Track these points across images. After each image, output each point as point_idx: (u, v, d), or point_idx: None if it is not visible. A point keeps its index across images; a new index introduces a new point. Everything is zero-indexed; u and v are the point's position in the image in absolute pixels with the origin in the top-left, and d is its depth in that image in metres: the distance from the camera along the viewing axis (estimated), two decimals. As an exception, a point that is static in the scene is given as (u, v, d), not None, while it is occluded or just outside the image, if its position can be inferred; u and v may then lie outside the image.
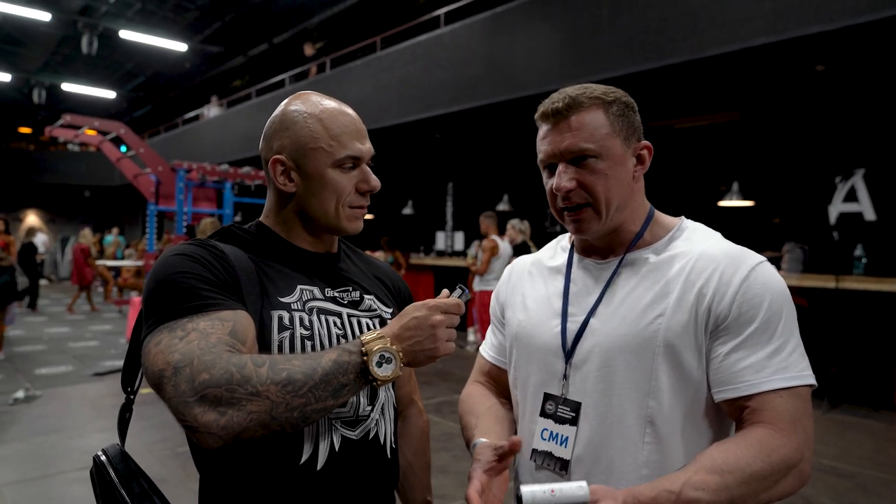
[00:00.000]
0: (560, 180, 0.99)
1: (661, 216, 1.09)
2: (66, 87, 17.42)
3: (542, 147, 1.03)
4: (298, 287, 1.02)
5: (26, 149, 21.80)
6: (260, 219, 1.10)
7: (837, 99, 6.82)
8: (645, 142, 1.05)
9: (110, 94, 18.49)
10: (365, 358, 0.86)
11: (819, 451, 4.13)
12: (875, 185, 6.60)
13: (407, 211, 12.12)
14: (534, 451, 1.05)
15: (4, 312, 6.84)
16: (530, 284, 1.17)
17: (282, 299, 0.99)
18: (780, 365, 0.90)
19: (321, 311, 1.02)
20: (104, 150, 11.08)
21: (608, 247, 1.06)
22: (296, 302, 1.00)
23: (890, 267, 6.14)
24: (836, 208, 6.85)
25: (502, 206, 9.95)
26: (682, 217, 1.10)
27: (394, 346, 0.88)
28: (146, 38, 13.27)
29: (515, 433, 1.13)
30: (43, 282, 17.34)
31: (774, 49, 5.17)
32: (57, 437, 4.32)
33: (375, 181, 1.06)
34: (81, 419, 4.79)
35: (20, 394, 5.26)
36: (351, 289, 1.09)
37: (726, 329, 0.93)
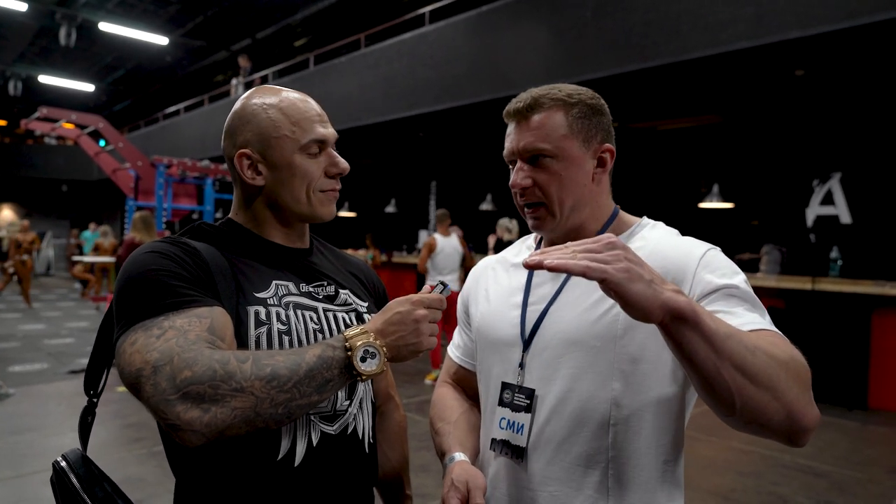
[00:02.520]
0: (516, 177, 1.03)
1: (624, 215, 1.11)
2: (44, 79, 17.09)
3: (506, 144, 1.08)
4: (273, 282, 1.01)
5: (1, 141, 21.35)
6: (229, 215, 1.09)
7: (816, 104, 6.94)
8: (608, 145, 1.06)
9: (89, 88, 18.18)
10: (349, 353, 0.86)
11: (794, 451, 4.20)
12: (851, 189, 6.73)
13: (390, 209, 12.09)
14: (493, 440, 1.06)
15: None
16: (493, 279, 1.18)
17: (257, 295, 0.98)
18: (767, 320, 0.88)
19: (297, 305, 1.01)
20: (82, 143, 10.91)
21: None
22: (272, 297, 0.99)
23: (864, 269, 6.26)
24: (814, 211, 6.97)
25: (486, 206, 9.97)
26: (644, 216, 1.13)
27: (377, 341, 0.88)
28: (126, 30, 13.06)
29: None
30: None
31: (755, 53, 5.24)
32: (31, 435, 4.23)
33: (344, 163, 1.06)
34: (56, 418, 4.70)
35: (-7, 391, 5.16)
36: (325, 283, 1.08)
37: (700, 299, 0.91)
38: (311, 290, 1.06)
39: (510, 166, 1.08)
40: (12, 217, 20.85)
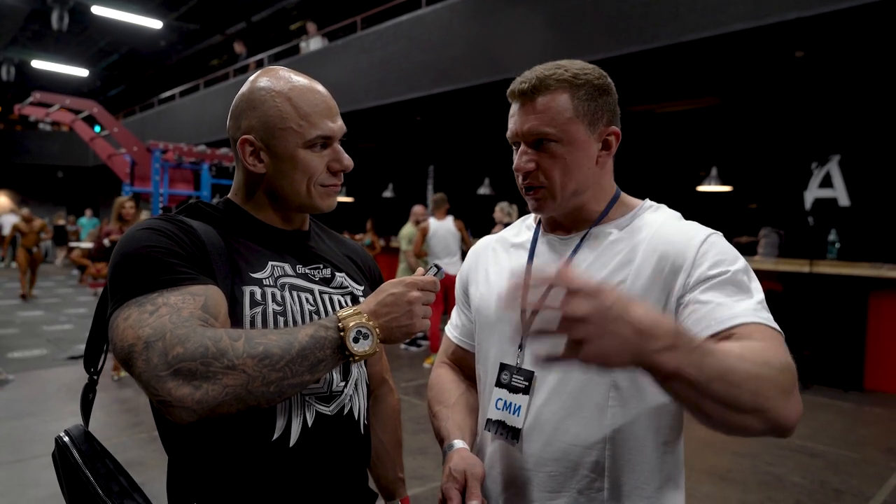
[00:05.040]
0: (520, 161, 1.01)
1: (626, 197, 1.10)
2: (37, 64, 16.92)
3: (510, 125, 1.05)
4: (270, 263, 1.01)
5: (-5, 127, 21.25)
6: (228, 196, 1.08)
7: (815, 86, 6.89)
8: (613, 127, 1.05)
9: (83, 72, 18.02)
10: (342, 333, 0.86)
11: (791, 431, 4.24)
12: (850, 171, 6.72)
13: (387, 194, 12.05)
14: (488, 420, 1.06)
15: None
16: (493, 259, 1.18)
17: (253, 275, 0.97)
18: (759, 309, 0.88)
19: (293, 287, 1.01)
20: (77, 129, 10.84)
21: (572, 224, 1.07)
22: (268, 278, 0.99)
23: (862, 252, 6.27)
24: (812, 194, 6.97)
25: (484, 190, 9.93)
26: (646, 199, 1.12)
27: (370, 322, 0.88)
28: (120, 14, 12.91)
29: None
30: (14, 265, 16.97)
31: (754, 34, 5.20)
32: (31, 420, 4.25)
33: (348, 160, 1.04)
34: (56, 403, 4.72)
35: (-8, 378, 5.17)
36: (322, 266, 1.08)
37: (695, 286, 0.92)
38: (307, 272, 1.05)
39: (514, 147, 1.06)
40: (8, 204, 20.76)
